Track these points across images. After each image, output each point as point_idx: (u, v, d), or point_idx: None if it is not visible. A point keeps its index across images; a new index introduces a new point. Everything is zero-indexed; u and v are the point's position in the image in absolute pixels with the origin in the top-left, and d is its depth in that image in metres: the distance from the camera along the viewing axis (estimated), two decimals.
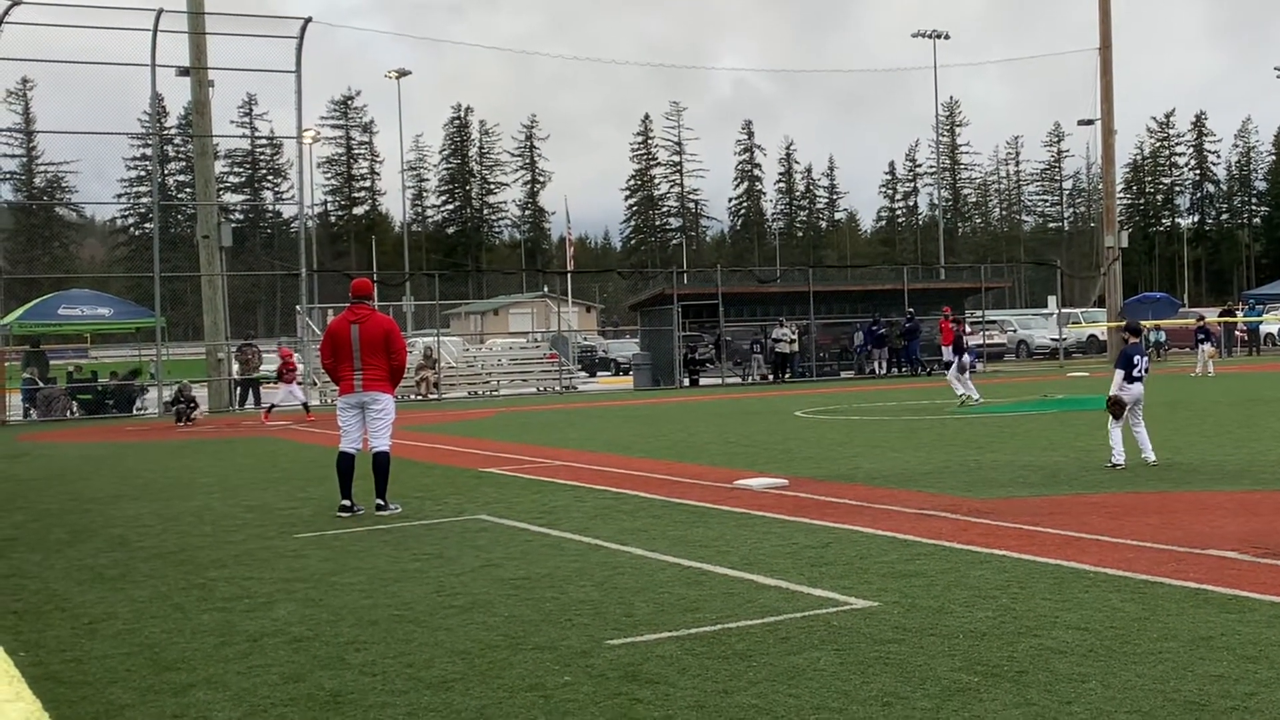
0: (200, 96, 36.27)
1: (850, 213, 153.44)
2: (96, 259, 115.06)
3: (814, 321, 44.31)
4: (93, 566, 9.99)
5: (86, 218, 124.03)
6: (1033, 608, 7.21)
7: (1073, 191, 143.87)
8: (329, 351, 12.35)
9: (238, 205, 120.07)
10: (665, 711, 5.47)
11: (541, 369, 44.10)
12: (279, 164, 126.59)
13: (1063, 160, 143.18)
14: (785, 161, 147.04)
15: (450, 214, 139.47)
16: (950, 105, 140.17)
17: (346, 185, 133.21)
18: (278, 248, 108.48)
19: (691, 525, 10.90)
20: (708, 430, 22.10)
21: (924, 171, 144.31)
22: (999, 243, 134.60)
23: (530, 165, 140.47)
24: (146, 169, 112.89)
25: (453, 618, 7.56)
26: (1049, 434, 18.67)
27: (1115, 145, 53.14)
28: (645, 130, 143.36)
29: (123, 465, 19.16)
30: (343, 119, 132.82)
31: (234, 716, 5.69)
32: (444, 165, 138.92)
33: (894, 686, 5.70)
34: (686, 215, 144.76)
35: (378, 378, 12.12)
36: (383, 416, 12.19)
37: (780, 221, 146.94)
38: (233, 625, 7.61)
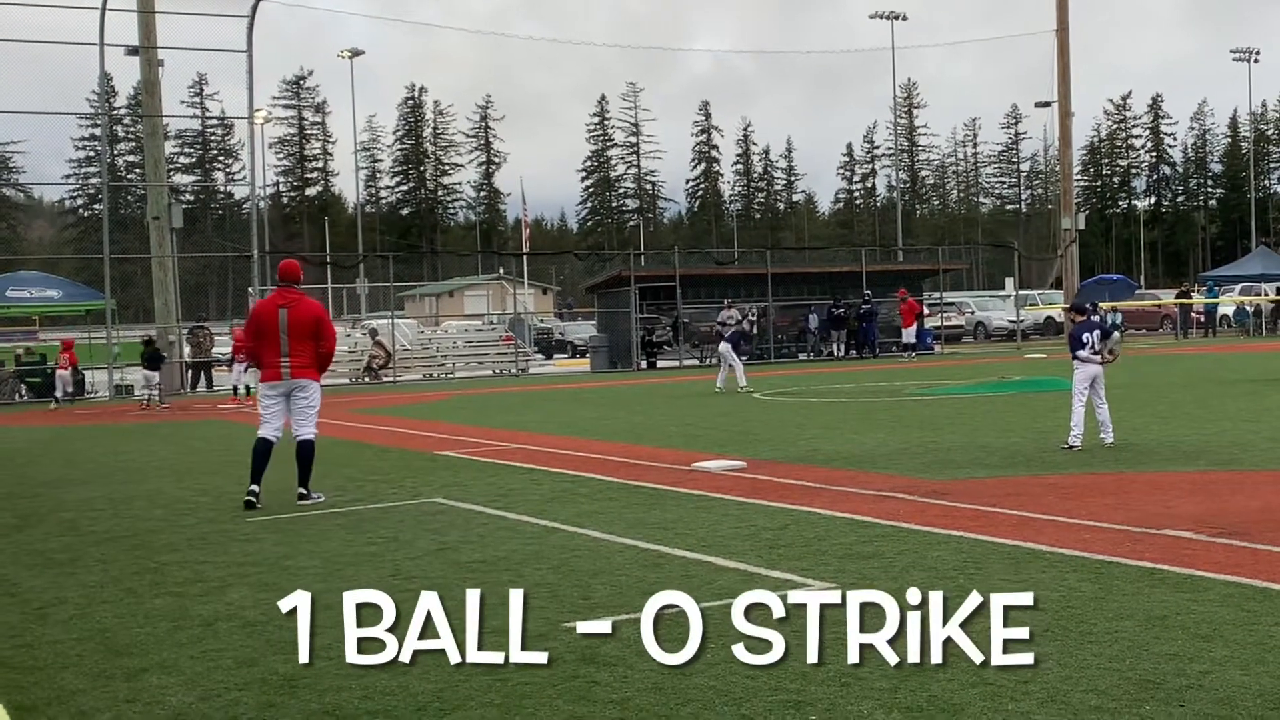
0: (150, 76, 35.86)
1: (808, 195, 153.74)
2: (45, 240, 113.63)
3: (772, 304, 44.37)
4: (42, 551, 9.87)
5: (35, 199, 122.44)
6: (989, 587, 7.20)
7: (1030, 174, 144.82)
8: (253, 335, 11.84)
9: (189, 186, 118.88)
10: (623, 694, 5.45)
11: (497, 351, 43.97)
12: (230, 144, 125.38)
13: (1020, 142, 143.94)
14: (743, 143, 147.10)
15: (404, 195, 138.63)
16: (908, 87, 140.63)
17: (299, 166, 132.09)
18: (229, 229, 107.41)
19: (649, 508, 10.88)
20: (666, 413, 22.09)
21: (882, 153, 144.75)
22: (956, 225, 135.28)
23: (485, 146, 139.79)
24: (96, 149, 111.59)
25: (409, 601, 7.48)
26: (1006, 416, 18.78)
27: (1072, 127, 53.58)
28: (602, 111, 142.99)
29: (72, 449, 18.95)
30: (295, 99, 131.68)
31: (188, 701, 5.63)
32: (398, 146, 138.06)
33: (850, 667, 5.69)
34: (643, 197, 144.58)
35: (305, 365, 11.66)
36: (309, 405, 11.76)
37: (738, 203, 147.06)
38: (186, 610, 7.53)
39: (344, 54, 75.12)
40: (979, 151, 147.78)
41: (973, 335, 57.08)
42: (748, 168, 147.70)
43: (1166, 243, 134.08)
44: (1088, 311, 15.41)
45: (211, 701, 5.61)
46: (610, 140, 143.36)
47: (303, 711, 5.42)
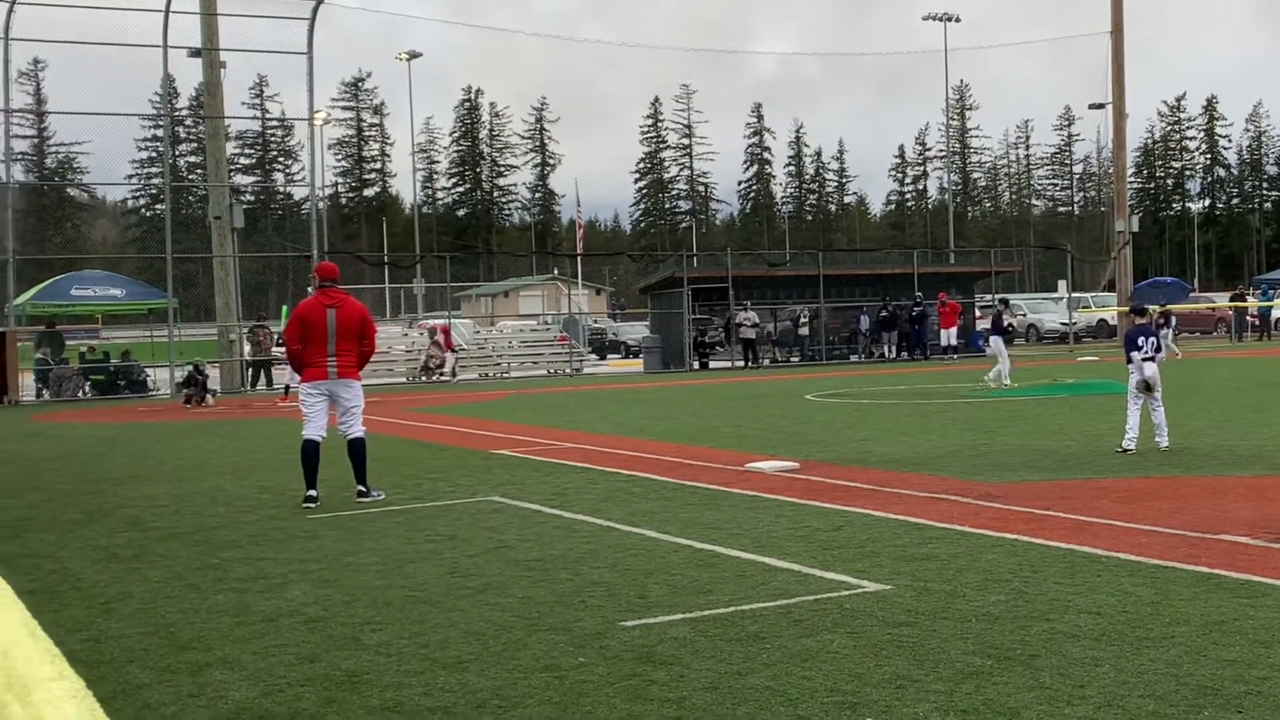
0: (212, 78, 36.30)
1: (860, 196, 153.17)
2: (108, 240, 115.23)
3: (824, 305, 44.27)
4: (107, 546, 10.04)
5: (98, 199, 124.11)
6: (1045, 592, 7.22)
7: (1083, 176, 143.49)
8: (298, 336, 11.92)
9: (249, 187, 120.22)
10: (680, 693, 5.50)
11: (552, 351, 44.14)
12: (290, 145, 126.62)
13: (1073, 144, 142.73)
14: (795, 145, 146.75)
15: (460, 196, 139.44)
16: (960, 89, 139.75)
17: (357, 167, 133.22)
18: (289, 229, 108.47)
19: (703, 508, 10.93)
20: (718, 414, 22.12)
21: (934, 155, 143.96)
22: (1008, 227, 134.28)
23: (540, 148, 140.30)
24: (158, 150, 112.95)
25: (466, 599, 7.60)
26: (1059, 418, 18.67)
27: (1126, 129, 53.03)
28: (655, 113, 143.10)
29: (135, 446, 19.24)
30: (354, 101, 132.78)
31: (250, 696, 5.74)
32: (454, 147, 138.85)
33: (907, 669, 5.73)
34: (696, 199, 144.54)
35: (350, 364, 11.84)
36: (355, 403, 11.94)
37: (789, 205, 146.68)
38: (248, 605, 7.65)
39: (402, 56, 75.68)
40: (1031, 153, 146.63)
41: (1024, 337, 56.67)
42: (800, 169, 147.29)
43: (1220, 245, 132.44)
44: (1148, 314, 15.29)
45: (274, 697, 5.71)
46: (663, 142, 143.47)
47: (364, 707, 5.50)
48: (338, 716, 5.39)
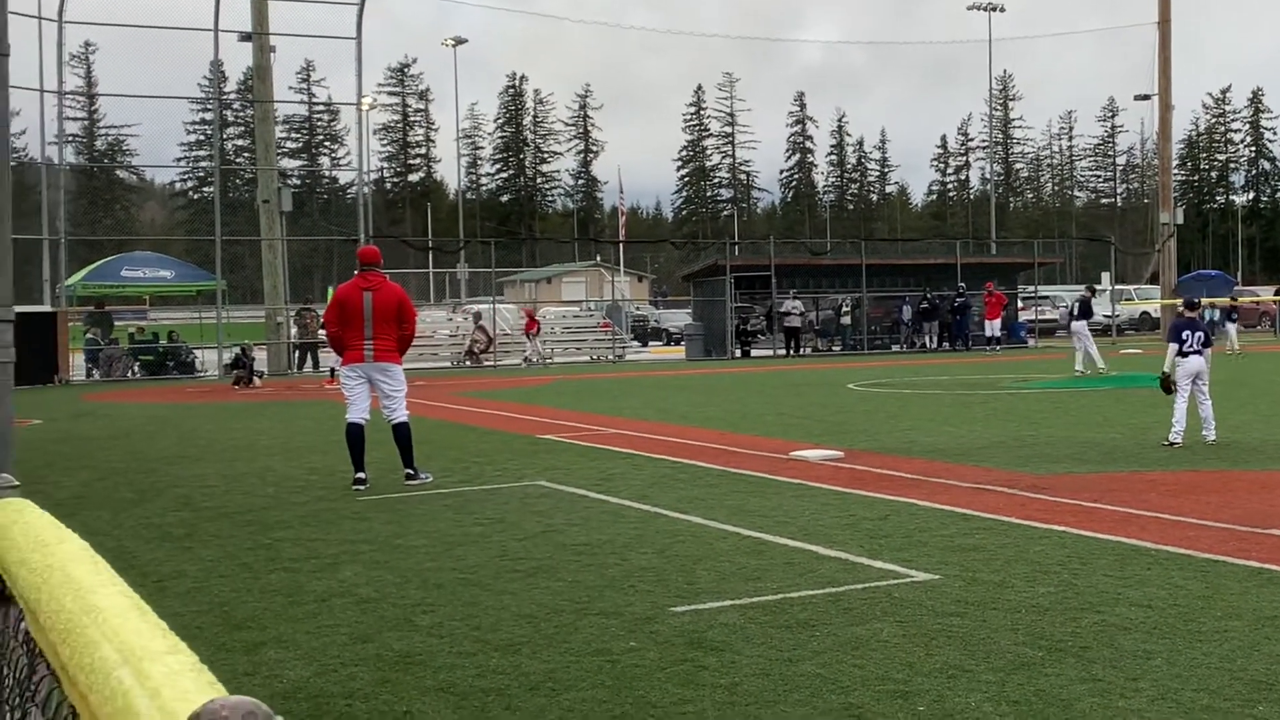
0: (262, 62, 36.52)
1: (901, 186, 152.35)
2: (156, 222, 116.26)
3: (866, 295, 44.15)
4: (160, 525, 10.18)
5: (146, 181, 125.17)
6: (1094, 584, 7.22)
7: (1126, 167, 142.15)
8: (336, 320, 12.00)
9: (294, 171, 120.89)
10: (731, 679, 5.55)
11: (595, 337, 44.23)
12: (336, 130, 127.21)
13: (1116, 135, 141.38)
14: (837, 134, 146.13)
15: (504, 182, 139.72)
16: (1004, 79, 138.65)
17: (402, 152, 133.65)
18: (334, 213, 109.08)
19: (749, 495, 10.96)
20: (761, 401, 22.13)
21: (976, 145, 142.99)
22: (1050, 218, 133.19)
23: (584, 135, 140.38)
24: (205, 133, 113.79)
25: (517, 582, 7.67)
26: (1103, 410, 18.58)
27: (1172, 121, 52.50)
28: (698, 102, 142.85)
29: (185, 426, 19.45)
30: (399, 86, 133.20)
31: (305, 675, 5.82)
32: (498, 134, 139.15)
33: (958, 659, 5.75)
34: (737, 187, 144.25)
35: (389, 348, 11.88)
36: (396, 387, 11.99)
37: (831, 194, 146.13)
38: (300, 585, 7.75)
39: (448, 42, 75.88)
40: (1074, 144, 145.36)
41: (1066, 329, 56.21)
42: (841, 159, 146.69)
43: (1265, 238, 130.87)
44: (1198, 308, 15.16)
45: (328, 676, 5.80)
46: (706, 130, 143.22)
47: (418, 687, 5.58)
48: (392, 696, 5.47)
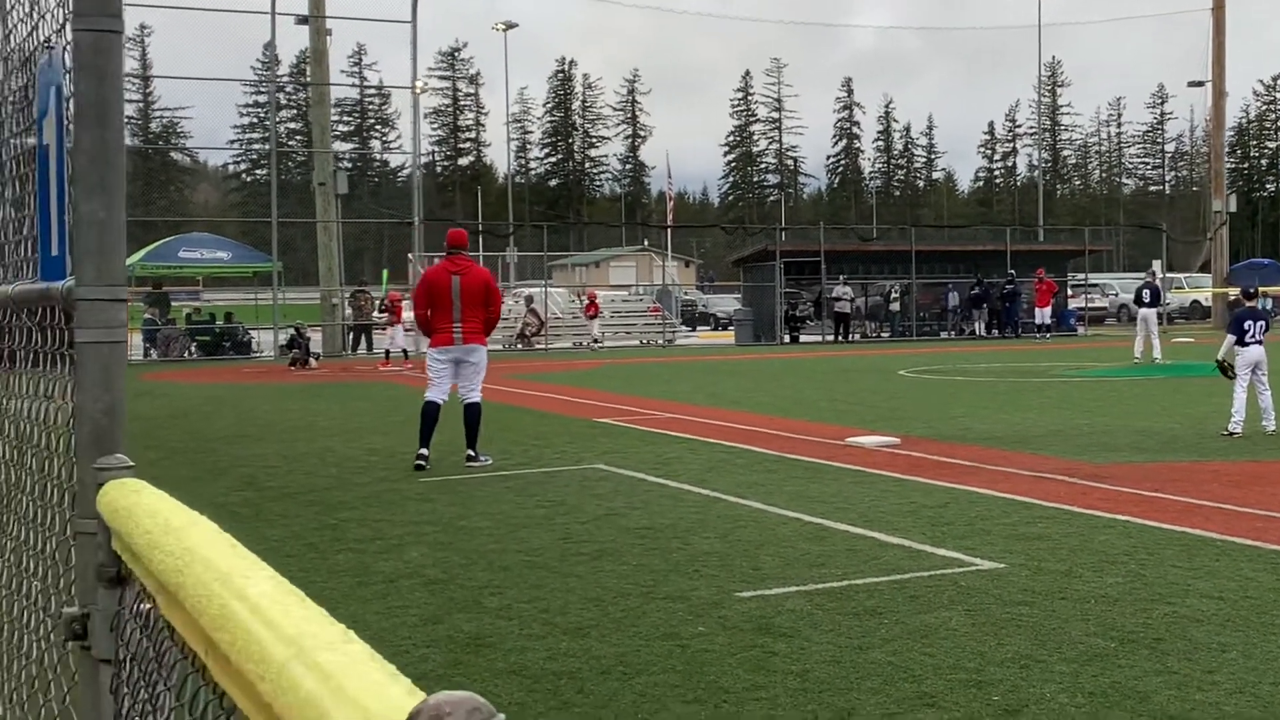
0: (318, 45, 36.73)
1: (947, 172, 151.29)
2: (209, 204, 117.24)
3: (914, 281, 43.94)
4: (225, 505, 10.28)
5: (200, 163, 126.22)
6: (1163, 575, 7.18)
7: (1175, 155, 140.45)
8: (425, 302, 12.21)
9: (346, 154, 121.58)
10: (802, 665, 5.56)
11: (645, 322, 44.26)
12: (387, 114, 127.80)
13: (1165, 122, 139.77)
14: (884, 120, 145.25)
15: (553, 167, 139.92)
16: (1053, 65, 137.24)
17: (452, 136, 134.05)
18: (385, 196, 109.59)
19: (808, 481, 10.96)
20: (813, 387, 22.09)
21: (1024, 132, 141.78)
22: (1098, 205, 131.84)
23: (632, 119, 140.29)
24: (259, 116, 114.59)
25: (582, 565, 7.72)
26: (1159, 399, 18.42)
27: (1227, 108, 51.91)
28: (745, 87, 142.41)
29: (243, 406, 19.65)
30: (450, 70, 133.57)
31: None
32: (547, 118, 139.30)
33: (1029, 649, 5.74)
34: (784, 172, 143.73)
35: (475, 330, 12.07)
36: (477, 369, 12.20)
37: (877, 180, 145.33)
38: (368, 566, 7.83)
39: (498, 26, 75.98)
40: (1123, 131, 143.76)
41: (1116, 317, 55.77)
42: (888, 145, 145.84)
43: None
44: (1256, 296, 15.01)
45: (400, 659, 5.83)
46: (753, 115, 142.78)
47: (489, 670, 5.63)
48: (464, 679, 5.52)
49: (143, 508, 2.02)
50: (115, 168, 2.31)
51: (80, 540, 2.27)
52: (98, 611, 2.18)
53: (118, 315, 2.34)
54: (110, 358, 2.32)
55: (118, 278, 2.33)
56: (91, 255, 2.30)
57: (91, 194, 2.28)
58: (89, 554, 2.22)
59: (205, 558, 1.58)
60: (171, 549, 1.70)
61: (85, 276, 2.30)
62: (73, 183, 2.40)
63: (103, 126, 2.28)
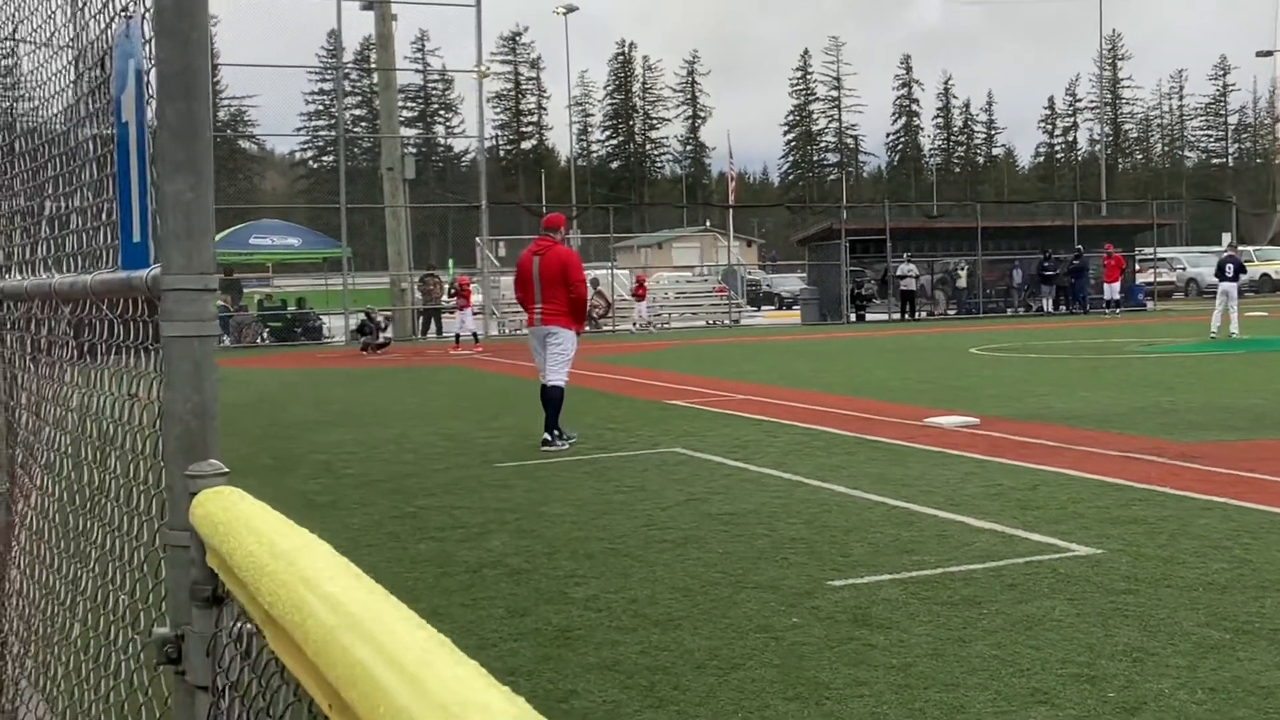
0: (384, 30, 36.75)
1: (1007, 149, 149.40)
2: (277, 191, 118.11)
3: (981, 258, 43.34)
4: (304, 493, 10.22)
5: (267, 151, 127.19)
6: (1271, 560, 6.88)
7: (1238, 127, 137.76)
8: (518, 285, 12.55)
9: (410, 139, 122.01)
10: (903, 659, 5.35)
11: (710, 303, 44.00)
12: (450, 99, 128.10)
13: (1228, 94, 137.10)
14: (943, 96, 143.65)
15: (614, 149, 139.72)
16: (1113, 38, 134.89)
17: (515, 120, 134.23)
18: (450, 181, 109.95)
19: (889, 463, 10.71)
20: (884, 366, 21.78)
21: (1084, 106, 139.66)
22: (1160, 179, 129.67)
23: (692, 100, 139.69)
24: (324, 103, 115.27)
25: (667, 552, 7.54)
26: (1241, 375, 17.94)
27: None
28: (804, 66, 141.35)
29: (317, 392, 19.67)
30: (511, 55, 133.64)
31: (464, 650, 5.71)
32: (608, 101, 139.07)
33: (1140, 641, 5.49)
34: (844, 151, 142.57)
35: (556, 311, 12.09)
36: (559, 351, 12.15)
37: (937, 157, 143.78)
38: (450, 555, 7.70)
39: (559, 10, 75.74)
40: (1185, 104, 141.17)
41: (1184, 292, 54.76)
42: (948, 121, 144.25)
43: None
44: None
45: (488, 652, 5.69)
46: (813, 94, 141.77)
47: (581, 664, 5.46)
48: (555, 674, 5.36)
49: (242, 523, 1.85)
50: (203, 142, 2.12)
51: (171, 554, 2.11)
52: (192, 633, 2.01)
53: (208, 307, 2.17)
54: (201, 353, 2.15)
55: (208, 265, 2.16)
56: (179, 240, 2.12)
57: (177, 172, 2.10)
58: (181, 570, 2.06)
59: (328, 595, 1.37)
60: (284, 578, 1.51)
61: (173, 264, 2.12)
62: (154, 162, 2.23)
63: (189, 98, 2.09)
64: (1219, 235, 64.69)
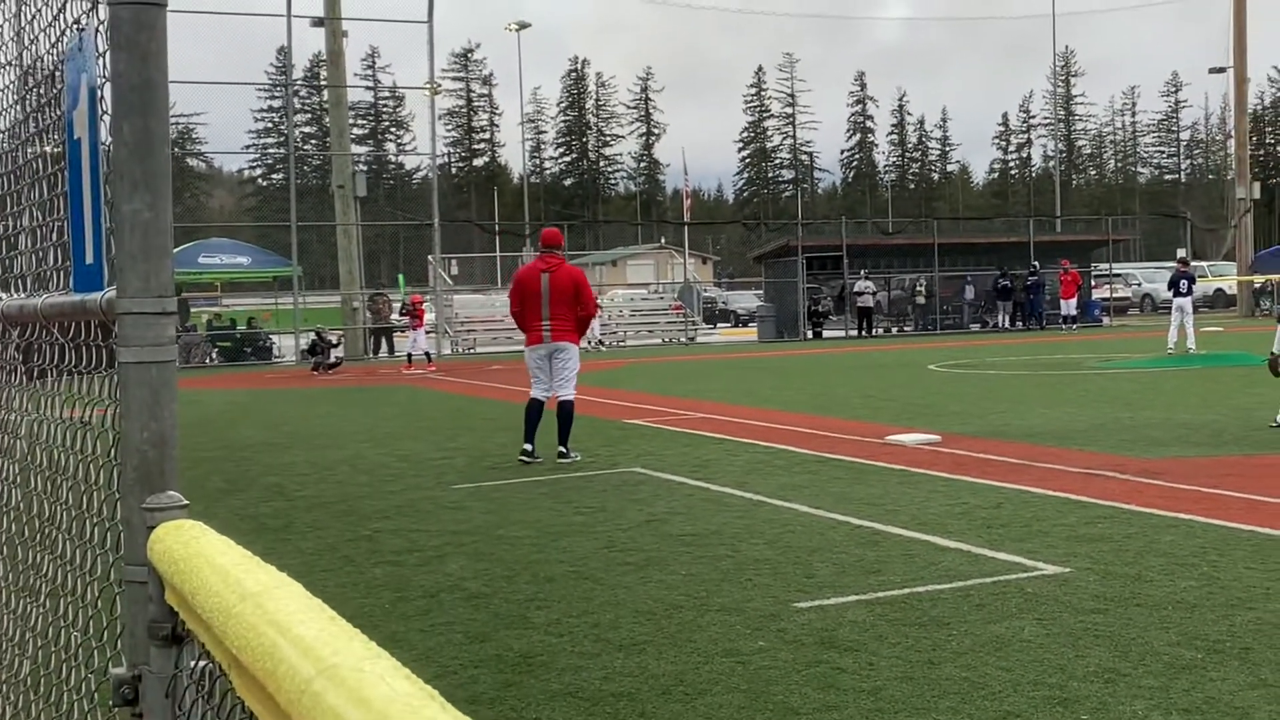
0: (334, 47, 36.55)
1: (962, 165, 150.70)
2: (225, 209, 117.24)
3: (937, 274, 43.58)
4: (255, 516, 10.05)
5: (215, 168, 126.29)
6: (1238, 578, 6.86)
7: (1190, 143, 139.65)
8: (517, 300, 12.42)
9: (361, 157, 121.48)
10: (873, 682, 5.27)
11: (667, 320, 43.96)
12: (401, 116, 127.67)
13: (1180, 111, 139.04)
14: (898, 113, 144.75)
15: (567, 166, 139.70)
16: (1066, 55, 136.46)
17: (467, 137, 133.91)
18: (401, 199, 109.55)
19: (852, 482, 10.66)
20: (843, 383, 21.79)
21: (1038, 123, 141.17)
22: (1113, 195, 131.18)
23: (645, 118, 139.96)
24: (273, 120, 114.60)
25: (629, 575, 7.43)
26: (1199, 391, 18.05)
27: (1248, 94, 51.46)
28: (759, 83, 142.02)
29: (269, 412, 19.42)
30: (463, 71, 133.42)
31: (424, 678, 5.43)
32: (561, 118, 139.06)
33: (1111, 661, 5.44)
34: (798, 167, 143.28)
35: (566, 329, 12.15)
36: (568, 366, 12.28)
37: (892, 174, 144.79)
38: (407, 580, 7.56)
39: (511, 26, 75.73)
40: (1137, 120, 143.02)
41: (1139, 308, 55.33)
42: (902, 138, 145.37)
43: None
44: None
45: (448, 679, 5.57)
46: (767, 111, 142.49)
47: (544, 691, 5.35)
48: (518, 701, 5.24)
49: (205, 559, 1.74)
50: (161, 160, 2.02)
51: (128, 590, 1.99)
52: (150, 674, 1.90)
53: (167, 331, 2.06)
54: (159, 380, 2.04)
55: (166, 287, 2.05)
56: (136, 261, 2.01)
57: (135, 191, 1.99)
58: (139, 607, 1.95)
59: (301, 639, 1.28)
60: (253, 621, 1.41)
61: (130, 286, 2.01)
62: (110, 180, 2.12)
63: (146, 114, 1.99)
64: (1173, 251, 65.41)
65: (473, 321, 39.84)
